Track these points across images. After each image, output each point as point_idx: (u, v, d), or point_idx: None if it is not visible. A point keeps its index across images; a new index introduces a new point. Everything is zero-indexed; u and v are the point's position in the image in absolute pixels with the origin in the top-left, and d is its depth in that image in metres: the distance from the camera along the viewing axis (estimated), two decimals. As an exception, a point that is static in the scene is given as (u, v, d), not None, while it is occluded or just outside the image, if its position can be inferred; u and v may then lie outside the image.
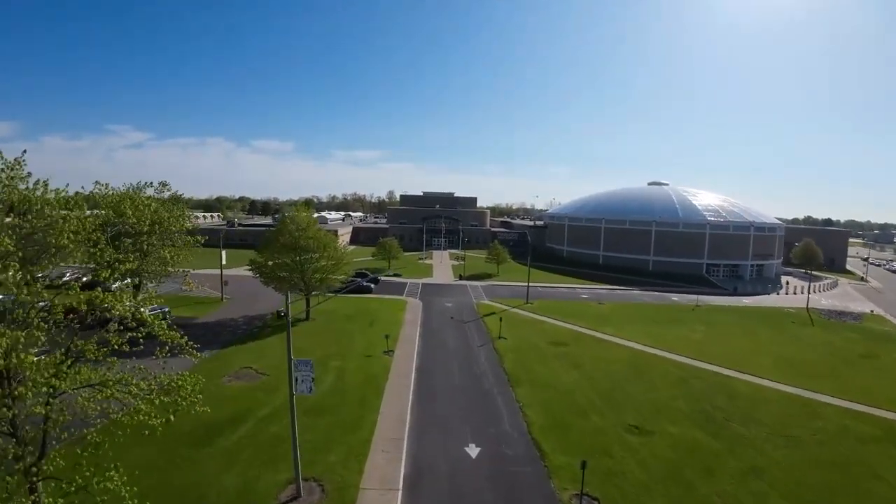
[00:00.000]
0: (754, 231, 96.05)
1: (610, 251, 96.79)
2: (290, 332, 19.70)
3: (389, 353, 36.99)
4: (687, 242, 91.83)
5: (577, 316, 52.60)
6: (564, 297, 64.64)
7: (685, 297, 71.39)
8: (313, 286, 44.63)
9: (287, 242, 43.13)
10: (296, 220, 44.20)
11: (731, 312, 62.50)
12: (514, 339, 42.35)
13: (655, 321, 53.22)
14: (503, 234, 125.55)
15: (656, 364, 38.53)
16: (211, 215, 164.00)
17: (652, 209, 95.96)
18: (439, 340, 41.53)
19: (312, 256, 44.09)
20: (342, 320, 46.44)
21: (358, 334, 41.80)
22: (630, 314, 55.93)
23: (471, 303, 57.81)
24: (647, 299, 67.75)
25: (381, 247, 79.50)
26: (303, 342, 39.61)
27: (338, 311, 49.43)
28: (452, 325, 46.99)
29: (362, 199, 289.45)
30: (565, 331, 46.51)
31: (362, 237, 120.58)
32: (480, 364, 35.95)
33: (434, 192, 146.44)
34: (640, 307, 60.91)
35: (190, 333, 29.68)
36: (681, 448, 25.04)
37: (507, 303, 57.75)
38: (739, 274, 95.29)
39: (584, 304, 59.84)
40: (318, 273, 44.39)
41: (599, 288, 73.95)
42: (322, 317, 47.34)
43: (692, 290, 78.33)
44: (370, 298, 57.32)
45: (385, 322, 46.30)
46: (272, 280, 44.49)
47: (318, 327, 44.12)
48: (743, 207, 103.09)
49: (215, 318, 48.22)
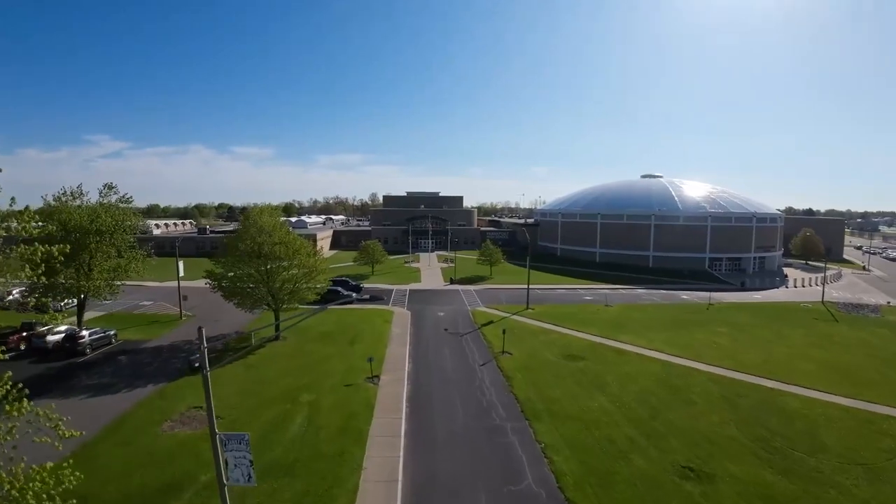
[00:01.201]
0: (756, 222, 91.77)
1: (607, 248, 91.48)
2: (210, 391, 13.04)
3: (374, 381, 30.42)
4: (688, 236, 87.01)
5: (587, 322, 46.70)
6: (567, 300, 58.75)
7: (694, 294, 66.50)
8: (282, 300, 37.84)
9: (249, 249, 36.26)
10: (258, 223, 37.35)
11: (747, 310, 57.57)
12: (521, 354, 36.17)
13: (673, 325, 47.68)
14: (492, 233, 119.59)
15: (691, 379, 32.78)
16: (184, 222, 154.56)
17: (650, 202, 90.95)
18: (433, 360, 35.06)
19: (280, 265, 37.31)
20: (317, 339, 39.67)
21: (336, 357, 35.10)
22: (644, 318, 50.27)
23: (465, 310, 51.49)
24: (656, 299, 62.37)
25: (363, 251, 72.68)
26: (269, 370, 32.89)
27: (313, 328, 42.65)
28: (447, 338, 40.59)
29: (345, 202, 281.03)
30: (578, 341, 40.49)
31: (344, 241, 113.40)
32: (485, 390, 29.57)
33: (418, 191, 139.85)
34: (651, 309, 55.35)
35: (136, 362, 23.62)
36: (753, 497, 19.35)
37: (506, 309, 51.59)
38: (742, 267, 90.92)
39: (590, 308, 54.00)
40: (289, 283, 37.65)
41: (601, 288, 68.32)
42: (294, 335, 40.56)
43: (698, 286, 73.60)
44: (351, 310, 50.56)
45: (369, 338, 39.68)
46: (234, 295, 37.59)
47: (288, 349, 37.29)
48: (741, 197, 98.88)
49: (169, 340, 41.12)
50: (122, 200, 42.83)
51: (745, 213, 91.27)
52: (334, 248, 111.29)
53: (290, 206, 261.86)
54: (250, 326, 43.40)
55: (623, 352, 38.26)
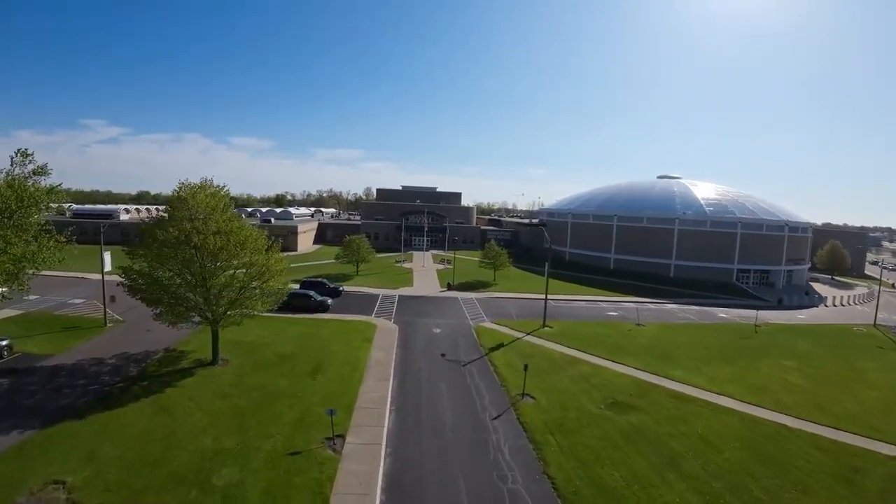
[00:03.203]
0: (788, 231, 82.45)
1: (623, 253, 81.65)
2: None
3: (335, 445, 20.15)
4: (715, 244, 77.39)
5: (623, 348, 36.73)
6: (588, 315, 48.73)
7: (732, 312, 57.11)
8: (220, 311, 27.43)
9: (172, 240, 25.79)
10: (190, 205, 26.88)
11: (800, 334, 48.56)
12: (549, 400, 26.05)
13: (727, 354, 38.10)
14: (493, 233, 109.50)
15: (787, 444, 23.60)
16: (157, 208, 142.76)
17: (672, 204, 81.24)
18: (426, 407, 24.70)
19: (218, 265, 26.89)
20: (270, 365, 29.25)
21: (288, 397, 24.72)
22: (688, 343, 40.43)
23: (467, 326, 41.23)
24: (691, 317, 52.63)
25: (346, 247, 62.13)
26: (188, 416, 22.58)
27: (268, 347, 32.29)
28: (445, 369, 30.32)
29: (338, 196, 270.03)
30: (619, 378, 30.45)
31: (330, 235, 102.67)
32: (506, 468, 19.33)
33: (414, 186, 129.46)
34: (691, 331, 45.50)
35: (15, 389, 15.68)
36: None
37: (517, 326, 41.42)
38: (771, 281, 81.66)
39: (620, 327, 44.01)
40: (231, 288, 27.27)
41: (624, 301, 58.43)
42: (240, 357, 30.24)
43: (730, 301, 64.38)
44: (324, 321, 40.17)
45: (339, 366, 29.34)
46: (154, 302, 27.15)
47: (225, 380, 26.88)
48: (769, 203, 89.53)
49: (78, 356, 30.96)
50: (38, 171, 32.15)
51: (777, 220, 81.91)
52: (319, 242, 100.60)
53: (281, 197, 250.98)
54: (184, 343, 32.98)
55: (683, 397, 28.32)
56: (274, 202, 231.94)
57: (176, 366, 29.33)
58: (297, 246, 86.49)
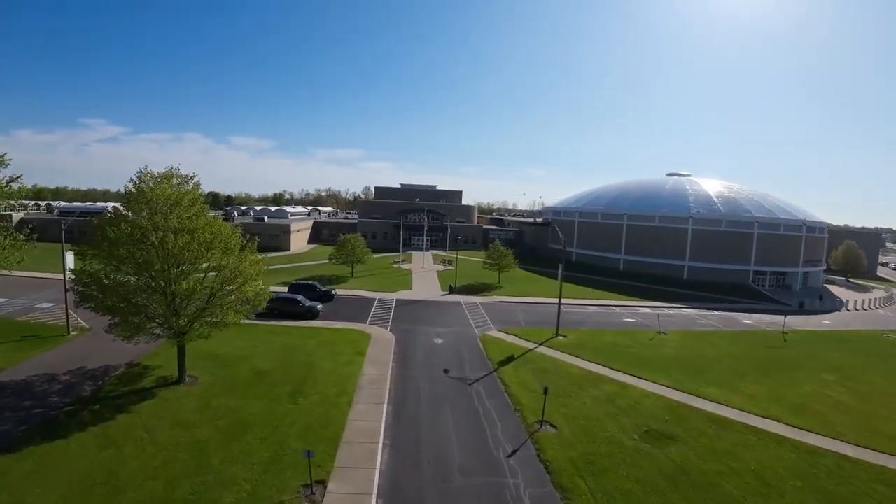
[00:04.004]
0: (806, 231, 78.50)
1: (634, 254, 77.61)
2: None
3: (313, 494, 16.11)
4: (731, 244, 73.41)
5: (647, 361, 32.72)
6: (603, 323, 44.69)
7: (755, 317, 53.33)
8: (184, 322, 23.35)
9: (124, 238, 21.71)
10: (149, 197, 22.78)
11: (829, 341, 45.24)
12: (572, 429, 22.02)
13: (761, 366, 34.41)
14: (496, 232, 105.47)
15: (851, 479, 20.50)
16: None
17: (686, 203, 77.17)
18: (427, 441, 20.50)
19: (182, 268, 22.79)
20: (244, 384, 25.17)
21: (261, 427, 20.65)
22: (717, 354, 36.47)
23: (472, 335, 37.13)
24: (714, 322, 48.72)
25: (340, 247, 57.97)
26: (138, 452, 18.62)
27: (244, 361, 28.24)
28: (449, 388, 26.25)
29: (337, 195, 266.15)
30: (649, 399, 26.42)
31: (326, 234, 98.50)
32: (528, 527, 15.36)
33: (413, 184, 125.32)
34: (716, 339, 41.51)
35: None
36: None
37: (528, 335, 37.33)
38: (787, 283, 77.76)
39: (641, 336, 39.99)
40: (199, 294, 23.21)
41: (640, 305, 54.46)
42: (211, 373, 26.23)
43: (749, 305, 60.84)
44: (313, 329, 36.07)
45: (325, 386, 25.26)
46: (108, 310, 23.11)
47: (190, 404, 22.83)
48: (785, 202, 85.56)
49: (30, 370, 27.27)
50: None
51: (795, 220, 77.94)
52: (314, 241, 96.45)
53: (279, 196, 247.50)
54: (150, 357, 28.94)
55: (724, 422, 24.34)
56: (272, 201, 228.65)
57: (136, 384, 25.33)
58: (290, 245, 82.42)
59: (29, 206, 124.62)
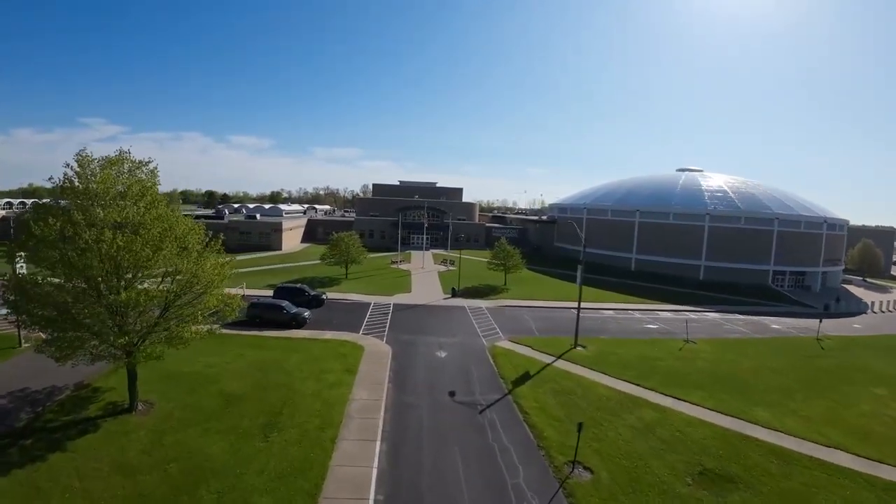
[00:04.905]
0: (826, 229, 74.29)
1: (646, 253, 73.23)
2: None
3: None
4: (749, 243, 69.11)
5: (681, 377, 28.43)
6: (624, 330, 40.39)
7: (783, 321, 49.37)
8: (132, 339, 18.94)
9: (53, 235, 17.32)
10: (86, 186, 18.36)
11: (868, 349, 41.75)
12: (611, 473, 17.68)
13: (807, 382, 30.44)
14: (499, 230, 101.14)
15: None
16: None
17: (702, 199, 72.85)
18: (432, 497, 16.20)
19: (127, 275, 18.37)
20: (208, 414, 20.73)
21: (219, 475, 16.25)
22: (755, 367, 32.20)
23: (480, 347, 32.70)
24: (742, 328, 44.60)
25: (333, 246, 53.49)
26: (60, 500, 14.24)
27: (211, 383, 23.81)
28: (456, 418, 21.79)
29: (335, 193, 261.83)
30: (695, 427, 22.09)
31: (321, 233, 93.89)
32: None
33: (412, 181, 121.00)
34: (751, 349, 37.23)
35: None
36: None
37: (542, 345, 32.90)
38: (807, 284, 73.50)
39: (668, 346, 35.67)
40: (143, 307, 18.79)
41: (658, 309, 50.25)
42: (171, 397, 21.85)
43: (772, 307, 57.00)
44: (297, 341, 31.61)
45: (305, 416, 20.86)
46: (38, 321, 18.74)
47: (136, 441, 18.44)
48: (802, 198, 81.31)
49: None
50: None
51: (816, 217, 73.68)
52: (308, 240, 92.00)
53: (277, 194, 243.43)
54: (104, 377, 24.54)
55: (787, 455, 20.13)
56: (269, 200, 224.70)
57: (80, 412, 20.97)
58: (282, 244, 77.96)
59: (14, 204, 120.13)
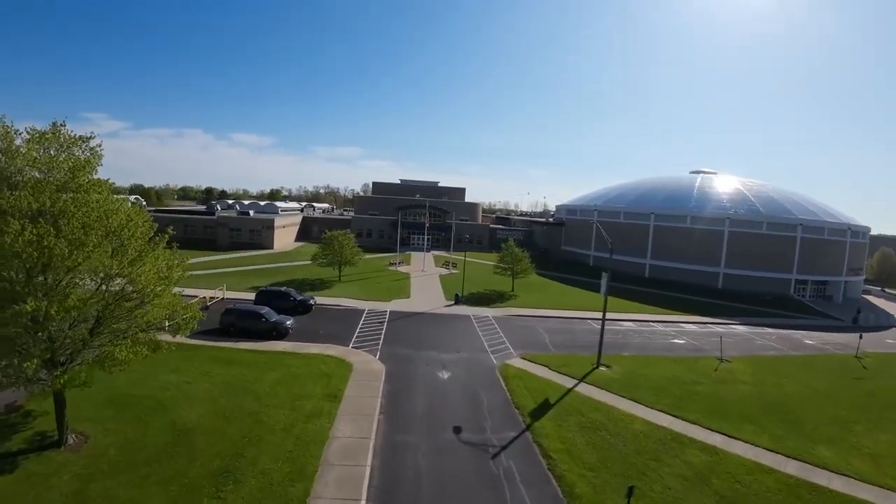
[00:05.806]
0: (850, 237, 70.13)
1: (661, 259, 68.95)
2: None
3: None
4: (771, 249, 64.93)
5: (726, 406, 24.16)
6: (649, 346, 36.06)
7: (815, 336, 45.79)
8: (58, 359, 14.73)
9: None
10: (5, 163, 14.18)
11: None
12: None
13: (863, 410, 26.75)
14: (504, 231, 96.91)
15: None
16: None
17: (721, 202, 68.66)
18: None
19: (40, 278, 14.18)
20: (152, 453, 16.42)
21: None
22: (803, 393, 28.01)
23: (489, 366, 28.30)
24: (774, 343, 40.65)
25: (325, 245, 49.17)
26: None
27: (163, 411, 19.44)
28: (463, 465, 17.49)
29: (335, 192, 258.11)
30: (755, 474, 17.84)
31: (316, 232, 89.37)
32: None
33: (413, 180, 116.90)
34: (792, 369, 33.01)
35: None
36: None
37: (561, 366, 28.46)
38: (828, 294, 69.38)
39: (700, 365, 31.35)
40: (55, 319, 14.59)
41: (682, 321, 46.06)
42: (111, 428, 17.58)
43: (799, 319, 53.57)
44: (275, 355, 27.27)
45: (271, 460, 16.56)
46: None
47: (59, 486, 14.17)
48: (824, 204, 77.10)
49: None
50: None
51: (840, 224, 69.54)
52: (302, 239, 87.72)
53: (276, 192, 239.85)
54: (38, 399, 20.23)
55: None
56: (268, 198, 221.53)
57: (1, 444, 16.73)
58: (273, 243, 73.68)
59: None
